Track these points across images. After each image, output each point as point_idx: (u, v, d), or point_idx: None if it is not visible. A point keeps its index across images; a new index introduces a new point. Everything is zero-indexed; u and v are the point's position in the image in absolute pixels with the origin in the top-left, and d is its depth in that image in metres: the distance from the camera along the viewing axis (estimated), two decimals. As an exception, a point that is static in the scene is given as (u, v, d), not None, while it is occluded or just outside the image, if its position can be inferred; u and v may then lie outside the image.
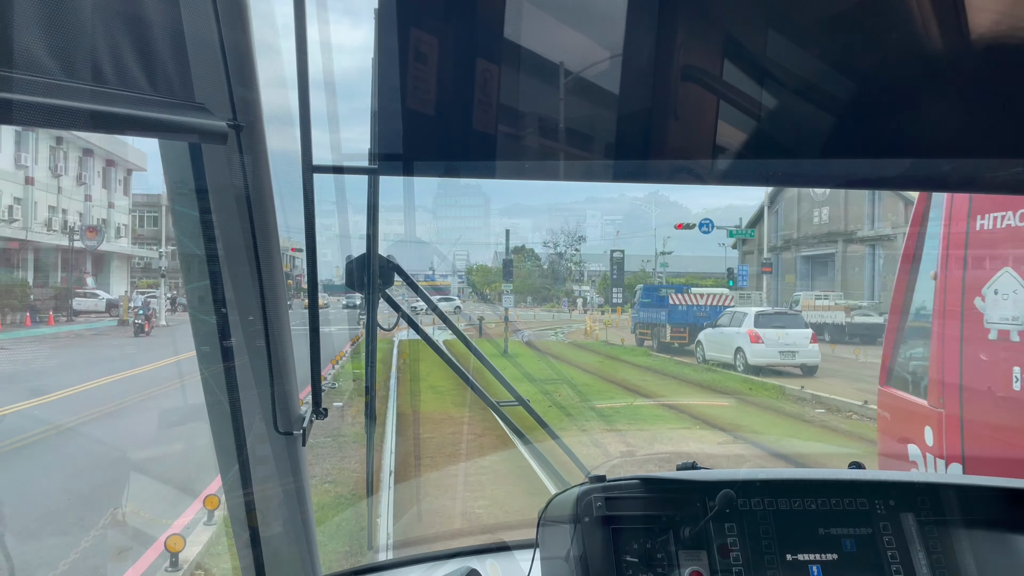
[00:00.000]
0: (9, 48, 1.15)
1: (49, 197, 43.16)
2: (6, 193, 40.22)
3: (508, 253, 36.90)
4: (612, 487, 1.99)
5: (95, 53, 1.31)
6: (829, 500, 2.02)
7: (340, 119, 2.07)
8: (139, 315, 30.93)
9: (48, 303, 37.82)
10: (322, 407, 1.94)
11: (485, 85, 1.67)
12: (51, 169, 43.05)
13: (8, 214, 40.56)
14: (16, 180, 41.02)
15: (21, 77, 1.16)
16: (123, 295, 41.73)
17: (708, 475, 2.04)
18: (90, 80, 1.29)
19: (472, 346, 2.22)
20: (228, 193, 1.81)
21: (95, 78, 1.30)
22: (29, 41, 1.19)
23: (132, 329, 29.91)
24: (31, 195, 41.94)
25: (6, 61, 1.13)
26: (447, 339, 6.68)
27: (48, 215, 43.18)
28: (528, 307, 65.80)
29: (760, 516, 1.98)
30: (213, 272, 1.83)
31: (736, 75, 1.73)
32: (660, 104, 1.72)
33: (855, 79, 1.70)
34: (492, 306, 67.50)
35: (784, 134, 1.77)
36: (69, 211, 44.20)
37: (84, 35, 1.29)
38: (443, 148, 1.62)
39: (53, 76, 1.22)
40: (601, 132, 1.73)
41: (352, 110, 3.10)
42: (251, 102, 1.81)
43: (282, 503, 1.97)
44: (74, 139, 42.83)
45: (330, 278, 25.80)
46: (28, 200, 42.05)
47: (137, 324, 30.45)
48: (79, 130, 1.34)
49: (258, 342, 1.86)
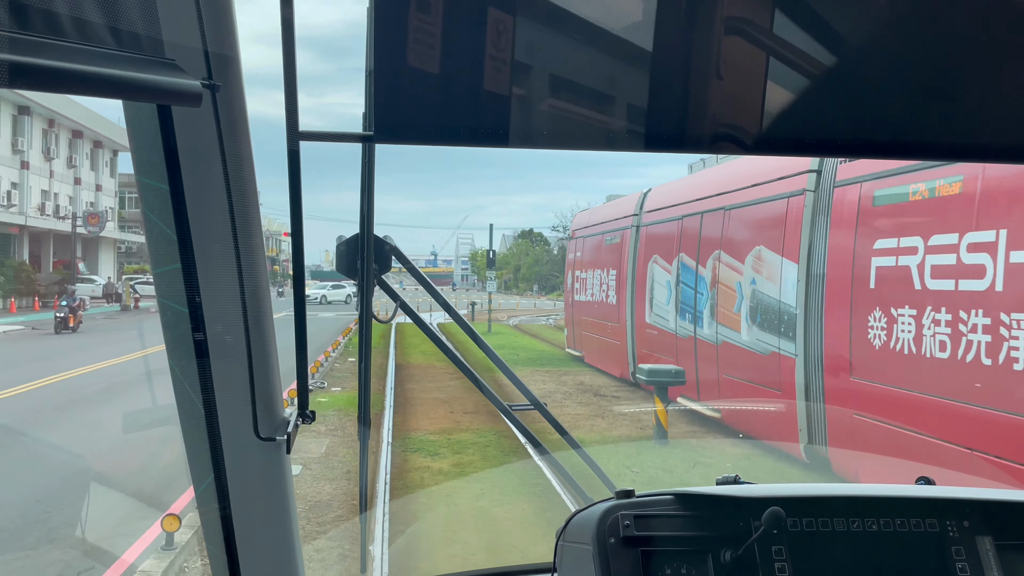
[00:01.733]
0: None
1: (42, 181, 43.70)
2: (5, 179, 40.87)
3: (491, 245, 40.41)
4: (642, 503, 1.75)
5: (52, 4, 1.12)
6: (893, 520, 1.78)
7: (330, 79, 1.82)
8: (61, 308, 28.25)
9: (53, 288, 38.89)
10: (309, 410, 1.70)
11: (497, 39, 1.45)
12: (43, 152, 43.49)
13: (7, 199, 41.03)
14: (12, 165, 41.45)
15: None
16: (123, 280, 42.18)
17: (752, 490, 1.81)
18: (44, 32, 1.10)
19: (483, 343, 1.99)
20: (202, 163, 1.60)
21: (49, 30, 1.11)
22: None
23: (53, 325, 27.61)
24: (27, 180, 42.48)
25: None
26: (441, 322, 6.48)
27: (41, 199, 44.10)
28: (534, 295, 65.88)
29: (813, 538, 1.74)
30: (185, 255, 1.61)
31: (789, 28, 1.50)
32: (700, 61, 1.50)
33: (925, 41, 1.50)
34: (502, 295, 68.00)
35: (844, 98, 1.54)
36: (60, 195, 45.18)
37: None
38: (448, 112, 1.42)
39: (6, 28, 1.04)
40: (630, 93, 1.51)
41: (343, 69, 2.86)
42: (228, 59, 1.60)
43: (263, 519, 1.74)
44: (65, 121, 43.43)
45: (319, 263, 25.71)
46: (24, 185, 42.65)
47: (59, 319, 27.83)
48: (30, 89, 1.13)
49: (237, 335, 1.63)
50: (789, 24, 1.50)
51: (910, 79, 1.51)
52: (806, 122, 1.55)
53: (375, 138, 1.42)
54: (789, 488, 1.84)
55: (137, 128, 1.62)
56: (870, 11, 1.50)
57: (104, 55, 1.20)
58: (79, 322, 28.87)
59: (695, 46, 1.49)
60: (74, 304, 28.58)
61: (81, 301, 29.56)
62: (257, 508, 1.73)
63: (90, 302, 37.30)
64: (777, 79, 1.53)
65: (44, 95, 41.70)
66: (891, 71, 1.52)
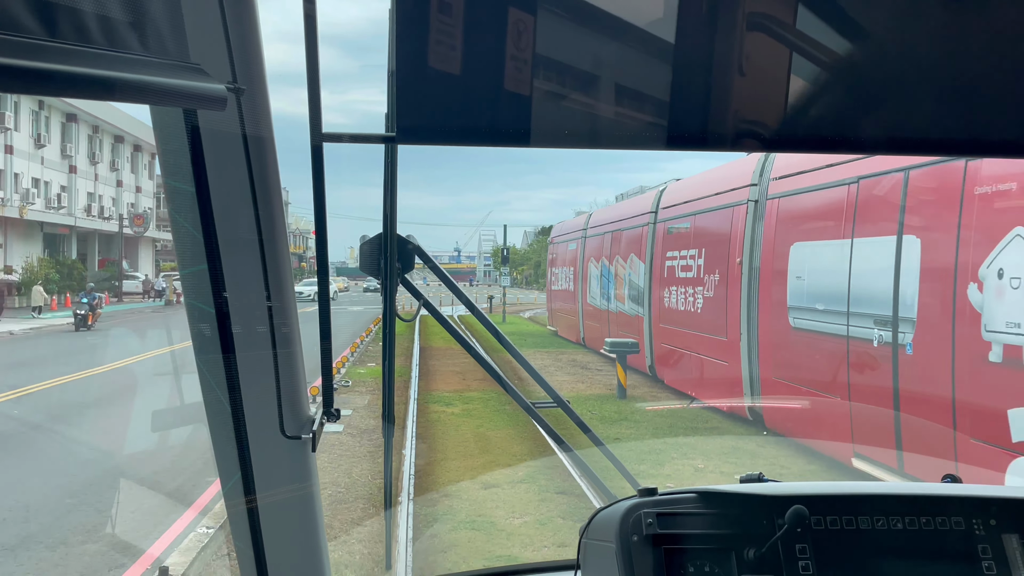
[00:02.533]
0: None
1: (88, 184, 44.92)
2: (53, 183, 42.35)
3: (505, 244, 44.90)
4: (665, 501, 1.69)
5: (78, 9, 1.08)
6: (918, 518, 1.71)
7: (352, 77, 1.77)
8: (80, 304, 26.62)
9: (103, 284, 40.11)
10: (334, 408, 1.65)
11: (518, 39, 1.39)
12: (89, 157, 44.69)
13: (57, 201, 42.44)
14: (61, 169, 42.53)
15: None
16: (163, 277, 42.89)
17: (776, 488, 1.74)
18: (73, 39, 1.06)
19: (506, 341, 1.93)
20: (228, 165, 1.55)
21: (79, 37, 1.06)
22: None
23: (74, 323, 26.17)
24: (74, 183, 43.71)
25: None
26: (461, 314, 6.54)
27: (87, 201, 45.56)
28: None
29: (837, 536, 1.67)
30: (211, 255, 1.57)
31: (812, 24, 1.43)
32: (722, 58, 1.44)
33: (951, 35, 1.43)
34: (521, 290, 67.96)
35: (868, 94, 1.47)
36: (104, 197, 46.73)
37: None
38: (470, 113, 1.36)
39: (33, 35, 1.00)
40: (651, 91, 1.44)
41: (365, 67, 2.80)
42: (253, 62, 1.54)
43: (289, 515, 1.70)
44: (108, 127, 44.60)
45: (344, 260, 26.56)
46: (72, 188, 44.28)
47: (79, 316, 26.16)
48: (59, 95, 1.11)
49: (262, 335, 1.59)
50: (812, 20, 1.43)
51: (935, 75, 1.44)
52: (829, 119, 1.48)
53: (397, 139, 1.37)
54: (813, 486, 1.77)
55: (164, 131, 1.58)
56: (894, 5, 1.43)
57: (131, 60, 1.16)
58: (97, 319, 27.39)
59: (717, 43, 1.42)
60: (93, 301, 27.15)
61: (99, 299, 28.18)
62: (283, 505, 1.69)
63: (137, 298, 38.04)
64: (800, 76, 1.46)
65: (89, 103, 42.69)
66: (916, 67, 1.44)
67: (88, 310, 26.59)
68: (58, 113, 42.52)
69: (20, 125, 39.65)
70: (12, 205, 37.49)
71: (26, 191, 39.94)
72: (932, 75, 1.44)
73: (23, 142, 40.15)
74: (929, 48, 1.43)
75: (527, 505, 8.48)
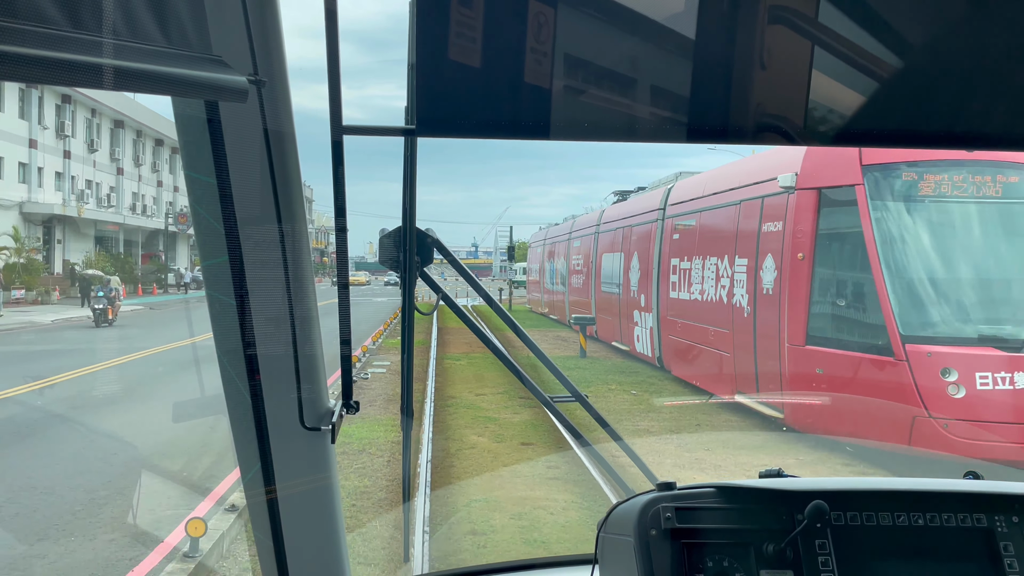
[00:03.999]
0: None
1: (132, 184, 46.26)
2: (103, 184, 44.10)
3: (511, 243, 48.85)
4: (683, 496, 1.57)
5: (103, 2, 1.01)
6: (940, 515, 1.58)
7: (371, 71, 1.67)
8: (98, 299, 23.53)
9: (150, 277, 41.60)
10: (353, 400, 1.55)
11: (538, 32, 1.29)
12: (133, 159, 45.91)
13: (107, 201, 44.10)
14: (110, 171, 43.68)
15: (22, 27, 0.88)
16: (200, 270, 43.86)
17: (795, 483, 1.62)
18: (98, 31, 0.99)
19: (525, 337, 1.82)
20: (248, 157, 1.47)
21: (102, 29, 1.00)
22: None
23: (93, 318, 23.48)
24: (121, 184, 44.80)
25: (6, 10, 0.86)
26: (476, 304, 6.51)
27: (132, 200, 47.18)
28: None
29: (857, 532, 1.55)
30: (232, 247, 1.47)
31: (834, 16, 1.32)
32: (743, 51, 1.33)
33: (973, 28, 1.31)
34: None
35: (890, 87, 1.35)
36: (146, 196, 48.36)
37: None
38: (489, 105, 1.27)
39: (57, 26, 0.93)
40: (672, 84, 1.34)
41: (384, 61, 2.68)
42: (274, 54, 1.45)
43: (308, 506, 1.60)
44: (149, 131, 46.04)
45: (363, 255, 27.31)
46: (119, 188, 45.95)
47: (98, 311, 23.22)
48: (84, 87, 1.03)
49: (282, 327, 1.49)
50: (834, 12, 1.32)
51: (958, 67, 1.32)
52: (851, 112, 1.37)
53: (417, 131, 1.29)
54: (833, 482, 1.65)
55: (185, 124, 1.50)
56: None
57: (154, 52, 1.09)
58: (117, 314, 24.36)
59: (738, 36, 1.32)
60: (111, 295, 23.86)
61: (116, 291, 24.79)
62: (302, 496, 1.59)
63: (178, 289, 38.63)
64: (822, 68, 1.35)
65: (135, 108, 43.62)
66: (938, 59, 1.33)
67: (107, 303, 23.69)
68: (108, 120, 44.12)
69: (76, 131, 40.84)
70: (71, 205, 38.85)
71: (81, 192, 41.51)
72: (954, 68, 1.33)
73: (79, 147, 41.70)
74: (951, 40, 1.32)
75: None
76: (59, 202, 38.39)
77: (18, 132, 36.29)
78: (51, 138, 38.94)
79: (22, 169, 36.98)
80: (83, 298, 31.59)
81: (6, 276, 30.84)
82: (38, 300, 32.16)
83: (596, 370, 17.70)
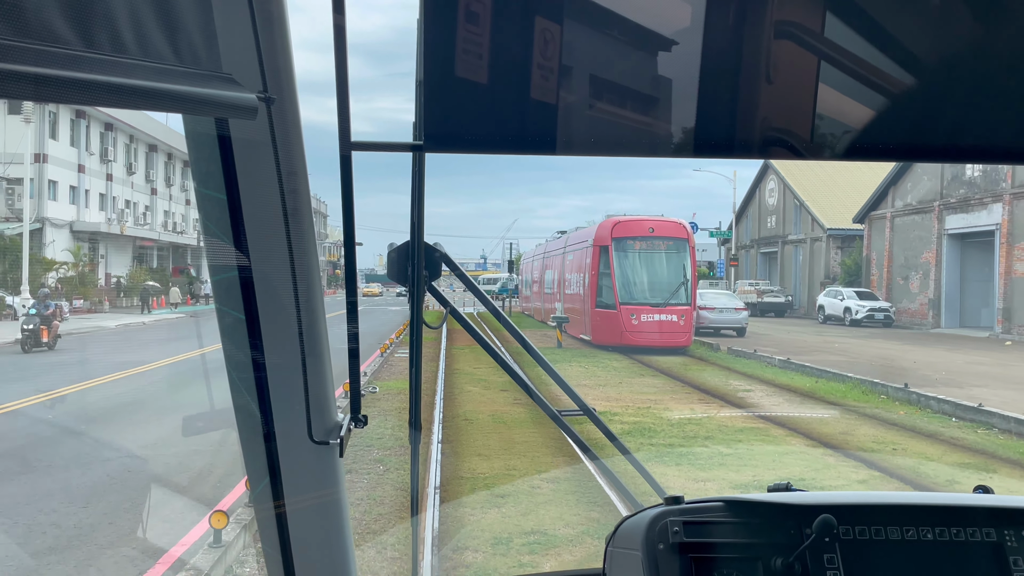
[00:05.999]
0: (22, 16, 0.80)
1: (164, 203, 48.08)
2: (139, 203, 45.35)
3: (510, 256, 53.20)
4: (692, 510, 1.43)
5: (113, 19, 0.92)
6: (949, 530, 1.44)
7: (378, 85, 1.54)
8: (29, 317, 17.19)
9: (185, 288, 41.52)
10: (361, 414, 1.42)
11: (545, 48, 1.18)
12: (165, 180, 46.78)
13: (143, 219, 45.22)
14: (145, 192, 44.37)
15: (37, 48, 0.81)
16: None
17: (804, 498, 1.48)
18: (110, 51, 0.90)
19: (532, 349, 1.68)
20: (257, 173, 1.36)
21: (115, 48, 0.91)
22: (41, 7, 0.82)
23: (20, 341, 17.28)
24: (155, 203, 46.44)
25: (19, 30, 0.79)
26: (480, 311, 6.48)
27: (164, 218, 48.16)
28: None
29: (866, 546, 1.41)
30: (241, 261, 1.34)
31: (841, 31, 1.20)
32: (749, 66, 1.21)
33: (981, 42, 1.19)
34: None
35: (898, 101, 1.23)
36: (175, 213, 49.53)
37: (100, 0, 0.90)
38: (497, 120, 1.17)
39: (71, 46, 0.85)
40: (679, 99, 1.22)
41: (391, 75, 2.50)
42: (283, 71, 1.34)
43: (317, 520, 1.47)
44: (178, 153, 47.31)
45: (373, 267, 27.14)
46: (153, 207, 47.25)
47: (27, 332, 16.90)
48: (96, 105, 0.96)
49: (291, 341, 1.36)
50: (841, 27, 1.20)
51: (965, 81, 1.20)
52: (858, 127, 1.24)
53: (425, 147, 1.19)
54: (842, 496, 1.51)
55: (195, 139, 1.38)
56: (923, 12, 1.19)
57: (165, 71, 0.99)
58: (56, 336, 17.61)
59: (744, 50, 1.20)
60: (46, 312, 17.28)
61: (57, 308, 18.37)
62: (311, 510, 1.46)
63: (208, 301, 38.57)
64: (828, 83, 1.23)
65: (165, 133, 44.25)
66: (945, 73, 1.20)
67: (40, 323, 17.04)
68: (143, 144, 45.14)
69: (117, 156, 41.56)
70: (114, 223, 39.80)
71: (120, 211, 42.38)
72: (960, 82, 1.20)
73: (119, 170, 42.82)
74: (957, 54, 1.20)
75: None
76: (103, 220, 39.35)
77: (69, 158, 37.41)
78: (96, 163, 39.83)
79: (72, 192, 38.01)
80: (143, 306, 33.65)
81: (65, 288, 31.38)
82: (92, 309, 32.87)
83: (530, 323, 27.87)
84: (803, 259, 44.71)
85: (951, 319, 32.62)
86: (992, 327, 29.64)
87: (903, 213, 35.73)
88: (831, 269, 42.05)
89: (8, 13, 0.77)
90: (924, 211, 34.12)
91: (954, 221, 32.61)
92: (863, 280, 38.37)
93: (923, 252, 34.13)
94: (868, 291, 35.79)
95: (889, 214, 36.67)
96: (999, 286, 29.48)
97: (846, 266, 40.79)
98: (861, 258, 39.46)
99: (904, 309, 34.94)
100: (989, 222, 30.56)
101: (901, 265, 35.81)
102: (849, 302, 34.03)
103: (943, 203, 33.01)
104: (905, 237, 35.65)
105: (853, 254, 41.02)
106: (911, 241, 35.12)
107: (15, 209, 34.62)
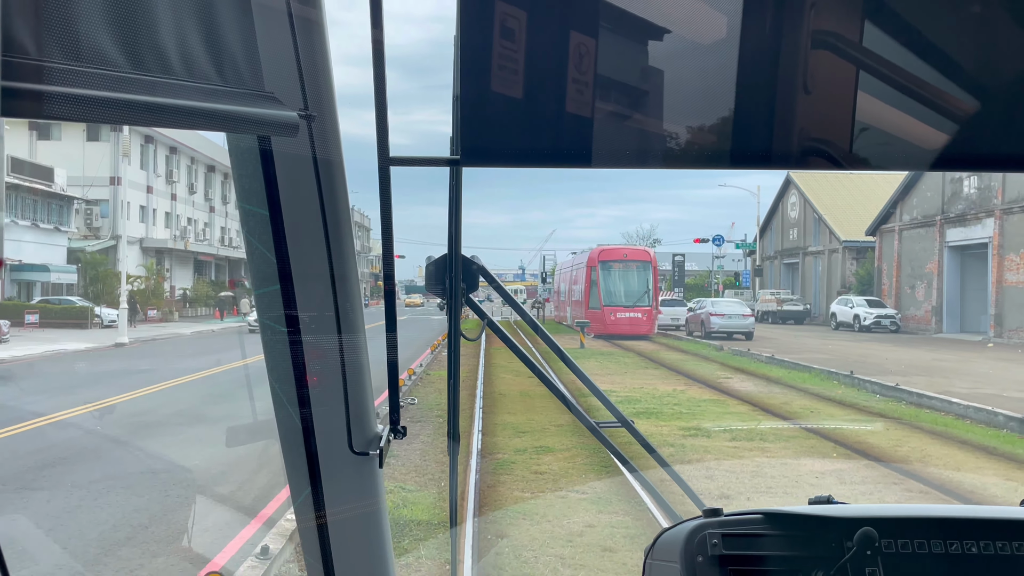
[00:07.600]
0: (75, 40, 0.78)
1: (220, 220, 49.01)
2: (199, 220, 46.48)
3: (543, 269, 53.01)
4: (731, 522, 1.32)
5: (160, 42, 0.90)
6: (994, 543, 1.31)
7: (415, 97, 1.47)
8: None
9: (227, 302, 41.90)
10: (400, 425, 1.33)
11: (580, 62, 1.10)
12: (222, 199, 47.93)
13: (203, 234, 46.29)
14: (204, 209, 45.76)
15: (84, 70, 0.79)
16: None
17: (845, 510, 1.36)
18: (156, 72, 0.88)
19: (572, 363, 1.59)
20: (299, 189, 1.29)
21: (160, 69, 0.89)
22: (92, 31, 0.81)
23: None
24: (213, 220, 48.03)
25: (71, 54, 0.78)
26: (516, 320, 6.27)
27: (220, 234, 48.96)
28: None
29: (908, 559, 1.29)
30: (283, 276, 1.28)
31: (879, 40, 1.10)
32: (786, 76, 1.11)
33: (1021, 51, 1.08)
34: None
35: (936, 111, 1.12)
36: (230, 230, 50.19)
37: (148, 24, 0.88)
38: (533, 134, 1.10)
39: (120, 69, 0.83)
40: (715, 110, 1.13)
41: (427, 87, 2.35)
42: (323, 89, 1.28)
43: (357, 530, 1.38)
44: (226, 168, 47.49)
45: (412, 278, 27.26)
46: (212, 224, 48.23)
47: None
48: (142, 125, 0.98)
49: (332, 353, 1.29)
50: (879, 35, 1.09)
51: (1007, 89, 1.09)
52: (897, 137, 1.13)
53: (462, 161, 1.11)
54: (883, 509, 1.39)
55: (239, 157, 1.32)
56: (963, 20, 1.08)
57: (210, 91, 0.95)
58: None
59: (781, 61, 1.10)
60: None
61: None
62: (351, 520, 1.38)
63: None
64: (867, 92, 1.12)
65: (221, 153, 45.23)
66: (985, 82, 1.09)
67: None
68: (202, 165, 45.98)
69: (181, 177, 42.70)
70: (179, 240, 40.91)
71: (183, 228, 43.44)
72: (1001, 91, 1.09)
73: (182, 190, 43.84)
74: (998, 63, 1.09)
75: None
76: (168, 237, 40.32)
77: (139, 180, 38.48)
78: (162, 184, 40.85)
79: (142, 211, 39.11)
80: (222, 314, 35.19)
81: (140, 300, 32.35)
82: (163, 318, 34.00)
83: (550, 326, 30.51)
84: (822, 269, 44.39)
85: (952, 325, 32.47)
86: (987, 332, 29.46)
87: (910, 226, 35.66)
88: (846, 279, 41.67)
89: (59, 37, 0.75)
90: (928, 224, 34.13)
91: (954, 234, 32.77)
92: (875, 289, 38.18)
93: (927, 263, 34.10)
94: (877, 299, 35.71)
95: (897, 227, 36.59)
96: (992, 294, 29.51)
97: (860, 276, 40.54)
98: (873, 268, 39.17)
99: (911, 316, 34.82)
100: (983, 235, 30.71)
101: (908, 275, 35.75)
102: (858, 309, 34.03)
103: (944, 217, 33.03)
104: (911, 249, 35.55)
105: (866, 264, 40.78)
106: (917, 252, 35.03)
107: (93, 228, 35.84)
